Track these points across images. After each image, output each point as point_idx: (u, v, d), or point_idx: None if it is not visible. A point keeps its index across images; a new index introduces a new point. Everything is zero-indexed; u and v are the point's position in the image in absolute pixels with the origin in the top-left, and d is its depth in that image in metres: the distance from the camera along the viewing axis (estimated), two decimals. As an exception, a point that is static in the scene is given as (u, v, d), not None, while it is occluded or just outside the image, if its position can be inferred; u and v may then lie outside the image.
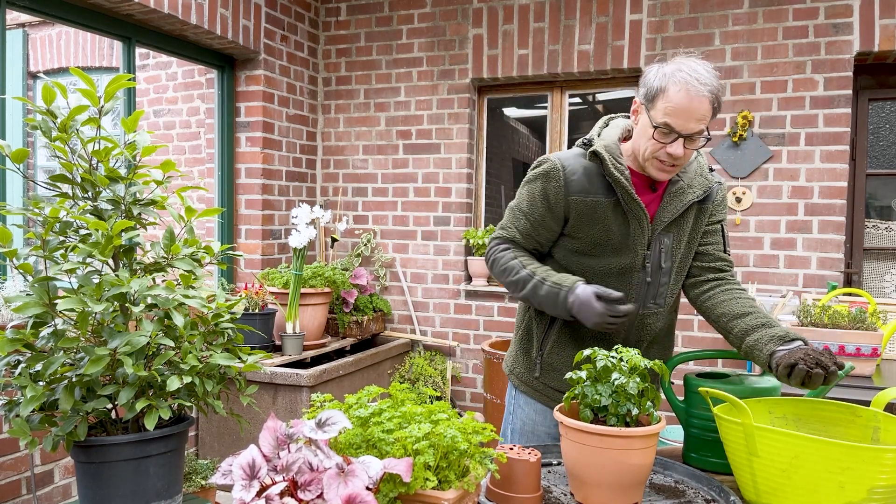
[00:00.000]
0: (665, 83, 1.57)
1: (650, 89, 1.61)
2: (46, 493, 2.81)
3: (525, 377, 1.91)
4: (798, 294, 3.54)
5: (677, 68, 1.58)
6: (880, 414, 1.36)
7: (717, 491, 1.42)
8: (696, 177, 1.77)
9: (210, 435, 3.57)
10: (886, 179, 3.80)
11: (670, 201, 1.73)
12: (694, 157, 1.80)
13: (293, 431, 1.15)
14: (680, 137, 1.59)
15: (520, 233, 1.81)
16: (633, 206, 1.69)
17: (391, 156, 4.42)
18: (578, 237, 1.75)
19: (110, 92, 1.35)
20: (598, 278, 1.75)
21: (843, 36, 3.48)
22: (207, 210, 1.50)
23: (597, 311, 1.59)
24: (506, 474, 1.33)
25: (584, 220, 1.72)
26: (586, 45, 3.93)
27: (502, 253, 1.82)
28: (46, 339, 1.29)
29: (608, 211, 1.71)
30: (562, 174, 1.72)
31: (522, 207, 1.80)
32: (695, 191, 1.74)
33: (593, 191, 1.71)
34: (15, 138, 4.38)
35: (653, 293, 1.77)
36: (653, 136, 1.61)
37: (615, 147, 1.72)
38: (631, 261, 1.73)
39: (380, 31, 4.40)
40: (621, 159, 1.70)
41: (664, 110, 1.57)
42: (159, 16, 3.31)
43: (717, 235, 1.82)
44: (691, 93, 1.54)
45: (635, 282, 1.74)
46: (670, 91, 1.56)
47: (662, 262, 1.75)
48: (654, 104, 1.60)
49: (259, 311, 3.55)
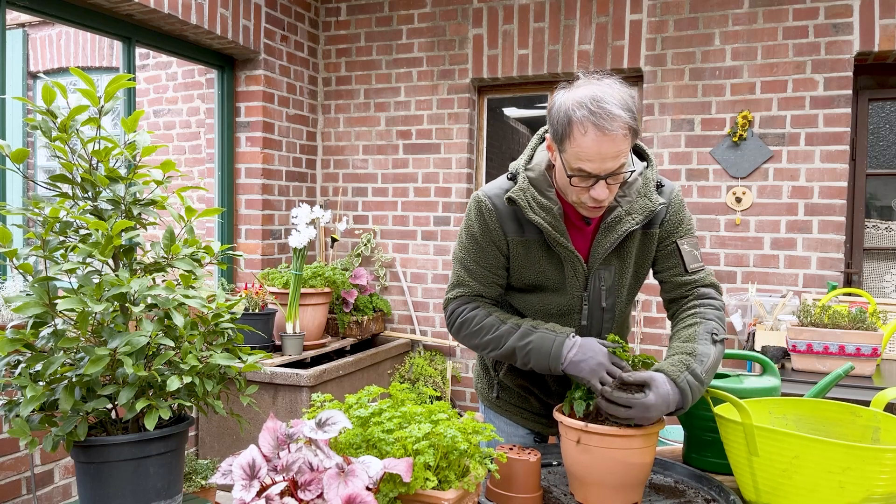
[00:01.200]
0: (569, 124, 1.38)
1: (556, 130, 1.43)
2: (46, 493, 2.81)
3: (487, 395, 1.86)
4: (798, 294, 3.54)
5: (579, 103, 1.37)
6: (880, 414, 1.36)
7: (717, 491, 1.42)
8: (638, 199, 1.56)
9: (210, 435, 3.57)
10: (886, 179, 3.80)
11: (605, 234, 1.56)
12: (638, 172, 1.58)
13: (293, 431, 1.15)
14: (599, 179, 1.42)
15: (478, 282, 1.63)
16: (561, 249, 1.55)
17: (391, 156, 4.42)
18: (517, 275, 1.63)
19: (110, 92, 1.35)
20: (541, 317, 1.63)
21: (843, 36, 3.48)
22: (207, 210, 1.50)
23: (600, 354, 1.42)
24: (506, 474, 1.33)
25: (522, 258, 1.60)
26: (586, 45, 3.93)
27: (472, 313, 1.61)
28: (46, 339, 1.29)
29: (541, 251, 1.59)
30: (494, 215, 1.58)
31: (470, 252, 1.63)
32: (634, 217, 1.55)
33: (523, 230, 1.58)
34: (15, 138, 4.38)
35: (595, 332, 1.64)
36: (570, 183, 1.44)
37: (543, 179, 1.55)
38: (569, 303, 1.61)
39: (380, 31, 4.40)
40: (550, 192, 1.54)
41: (574, 155, 1.40)
42: (159, 16, 3.31)
43: (674, 258, 1.63)
44: (599, 135, 1.36)
45: (576, 324, 1.63)
46: (576, 134, 1.37)
47: (603, 300, 1.61)
48: (564, 147, 1.42)
49: (259, 311, 3.55)
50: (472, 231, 1.63)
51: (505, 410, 1.82)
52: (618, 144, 1.38)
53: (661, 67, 3.80)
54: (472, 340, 1.63)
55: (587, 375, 1.40)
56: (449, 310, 1.67)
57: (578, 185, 1.44)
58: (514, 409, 1.81)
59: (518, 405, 1.80)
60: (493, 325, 1.58)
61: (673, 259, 1.63)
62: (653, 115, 3.84)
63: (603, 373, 1.39)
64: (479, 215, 1.61)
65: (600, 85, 1.41)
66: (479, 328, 1.59)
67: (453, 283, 1.67)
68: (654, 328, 3.87)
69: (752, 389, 1.58)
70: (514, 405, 1.81)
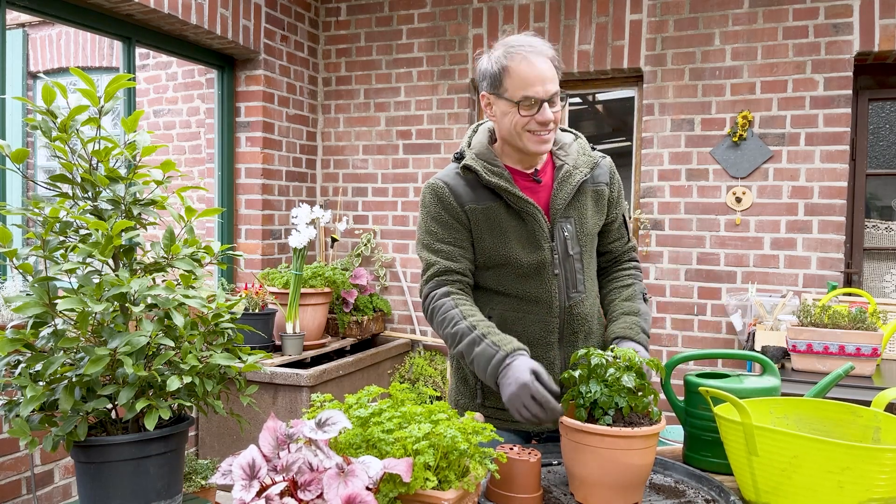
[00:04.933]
0: (504, 62, 1.60)
1: (493, 76, 1.63)
2: (46, 493, 2.81)
3: (470, 406, 1.80)
4: (798, 294, 3.54)
5: (508, 46, 1.61)
6: (881, 414, 1.36)
7: (718, 491, 1.42)
8: (580, 156, 1.76)
9: (210, 435, 3.57)
10: (886, 179, 3.80)
11: (560, 187, 1.71)
12: (573, 139, 1.80)
13: (293, 431, 1.15)
14: (543, 102, 1.59)
15: (446, 258, 1.70)
16: (522, 203, 1.66)
17: (391, 156, 4.42)
18: (483, 247, 1.70)
19: (110, 92, 1.35)
20: (515, 284, 1.70)
21: (843, 36, 3.48)
22: (207, 210, 1.50)
23: (523, 381, 1.43)
24: (506, 474, 1.33)
25: (484, 227, 1.69)
26: (586, 45, 3.93)
27: (441, 301, 1.67)
28: (46, 339, 1.29)
29: (501, 214, 1.68)
30: (448, 190, 1.70)
31: (432, 233, 1.72)
32: (581, 170, 1.73)
33: (481, 199, 1.69)
34: (15, 138, 4.39)
35: (571, 282, 1.73)
36: (518, 113, 1.60)
37: (487, 151, 1.71)
38: (540, 257, 1.69)
39: (380, 31, 4.40)
40: (496, 161, 1.70)
41: (515, 86, 1.59)
42: (159, 16, 3.31)
43: (622, 229, 1.86)
44: (531, 59, 1.58)
45: (550, 276, 1.70)
46: (512, 66, 1.59)
47: (570, 249, 1.72)
48: (503, 85, 1.61)
49: (259, 311, 3.55)
50: (430, 213, 1.72)
51: (491, 418, 1.75)
52: (549, 67, 1.60)
53: (661, 67, 3.80)
54: (438, 330, 1.69)
55: (507, 404, 1.48)
56: (423, 294, 1.73)
57: (526, 115, 1.60)
58: (499, 414, 1.74)
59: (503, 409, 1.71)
60: (452, 320, 1.63)
61: (620, 230, 1.86)
62: (653, 115, 3.84)
63: (524, 400, 1.44)
64: (434, 196, 1.71)
65: (519, 36, 1.65)
66: (442, 318, 1.65)
67: (423, 272, 1.74)
68: (655, 328, 3.87)
69: (752, 389, 1.58)
70: (501, 409, 1.73)
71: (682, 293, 3.81)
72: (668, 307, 3.84)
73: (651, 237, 3.86)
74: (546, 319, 1.72)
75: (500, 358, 1.52)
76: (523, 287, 1.70)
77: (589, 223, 1.75)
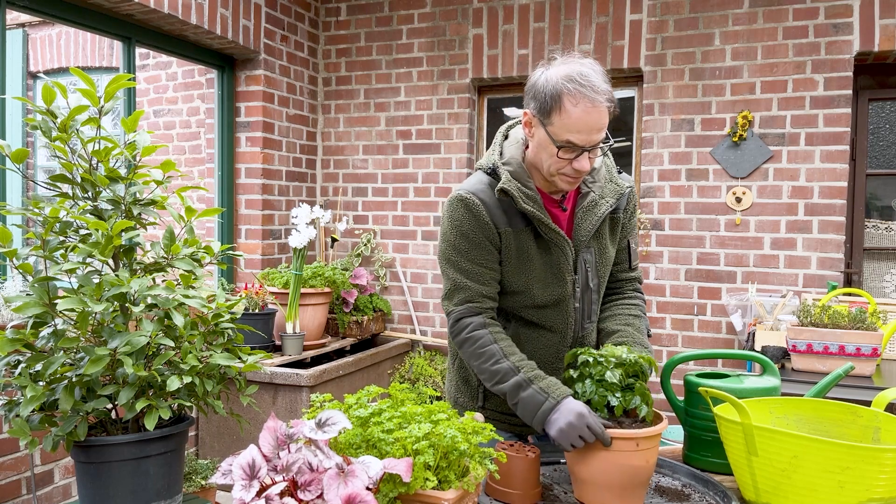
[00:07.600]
0: (559, 97, 1.45)
1: (543, 103, 1.48)
2: (46, 493, 2.81)
3: (470, 406, 1.79)
4: (798, 294, 3.54)
5: (567, 77, 1.45)
6: (881, 414, 1.36)
7: (722, 496, 1.40)
8: (607, 184, 1.67)
9: (210, 435, 3.57)
10: (886, 179, 3.80)
11: (584, 217, 1.63)
12: (601, 161, 1.69)
13: (293, 431, 1.15)
14: (585, 152, 1.49)
15: (476, 282, 1.60)
16: (552, 234, 1.59)
17: (391, 156, 4.42)
18: (508, 271, 1.63)
19: (110, 92, 1.35)
20: (532, 312, 1.66)
21: (843, 36, 3.48)
22: (207, 210, 1.50)
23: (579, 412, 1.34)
24: (505, 471, 1.33)
25: (513, 253, 1.61)
26: (586, 45, 3.93)
27: (477, 333, 1.58)
28: (46, 339, 1.29)
29: (530, 241, 1.61)
30: (483, 209, 1.58)
31: (462, 251, 1.60)
32: (608, 200, 1.65)
33: (515, 224, 1.60)
34: (15, 138, 4.39)
35: (587, 313, 1.70)
36: (556, 154, 1.49)
37: (522, 171, 1.59)
38: (562, 290, 1.63)
39: (380, 31, 4.40)
40: (530, 182, 1.59)
41: (564, 127, 1.46)
42: (159, 16, 3.31)
43: (623, 255, 1.76)
44: (589, 106, 1.44)
45: (570, 308, 1.66)
46: (567, 106, 1.44)
47: (590, 280, 1.67)
48: (551, 119, 1.48)
49: (259, 311, 3.55)
50: (461, 229, 1.60)
51: (491, 420, 1.75)
52: (603, 117, 1.47)
53: (661, 67, 3.80)
54: (471, 361, 1.60)
55: (558, 436, 1.37)
56: (452, 318, 1.62)
57: (563, 158, 1.50)
58: (500, 416, 1.75)
59: (505, 412, 1.73)
60: (493, 357, 1.54)
61: (622, 255, 1.76)
62: (653, 115, 3.84)
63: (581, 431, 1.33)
64: (468, 211, 1.59)
65: (582, 63, 1.49)
66: (481, 353, 1.57)
67: (451, 290, 1.63)
68: (655, 328, 3.87)
69: (752, 389, 1.58)
70: (502, 412, 1.74)
71: (682, 293, 3.81)
72: (668, 307, 3.84)
73: (651, 237, 3.86)
74: (559, 347, 1.70)
75: (549, 406, 1.43)
76: (540, 315, 1.67)
77: (608, 252, 1.70)
